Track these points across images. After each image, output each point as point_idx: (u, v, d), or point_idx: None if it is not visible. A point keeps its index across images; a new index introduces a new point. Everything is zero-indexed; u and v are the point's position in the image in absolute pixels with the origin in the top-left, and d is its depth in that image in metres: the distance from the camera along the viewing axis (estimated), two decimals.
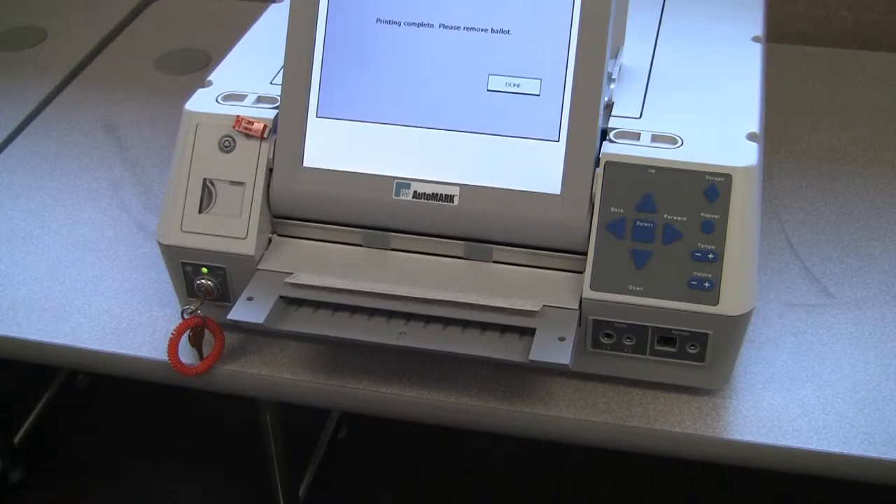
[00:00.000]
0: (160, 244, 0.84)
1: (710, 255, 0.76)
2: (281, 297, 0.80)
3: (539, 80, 0.79)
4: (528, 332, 0.77)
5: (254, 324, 0.79)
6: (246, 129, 0.82)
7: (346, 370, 0.85)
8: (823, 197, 1.02)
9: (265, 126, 0.82)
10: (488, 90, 0.80)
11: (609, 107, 0.83)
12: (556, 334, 0.77)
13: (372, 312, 0.80)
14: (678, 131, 0.80)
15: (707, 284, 0.76)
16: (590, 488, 1.46)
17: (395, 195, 0.81)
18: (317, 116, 0.82)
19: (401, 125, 0.81)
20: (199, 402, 1.56)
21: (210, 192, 0.83)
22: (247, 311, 0.80)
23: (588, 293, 0.77)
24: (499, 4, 0.80)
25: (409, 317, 0.80)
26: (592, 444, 0.82)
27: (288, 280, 0.80)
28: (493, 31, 0.80)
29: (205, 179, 0.83)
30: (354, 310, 0.80)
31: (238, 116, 0.83)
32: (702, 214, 0.76)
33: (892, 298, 0.90)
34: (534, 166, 0.79)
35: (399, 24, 0.81)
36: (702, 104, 0.84)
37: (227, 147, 0.83)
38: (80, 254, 0.98)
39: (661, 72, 0.89)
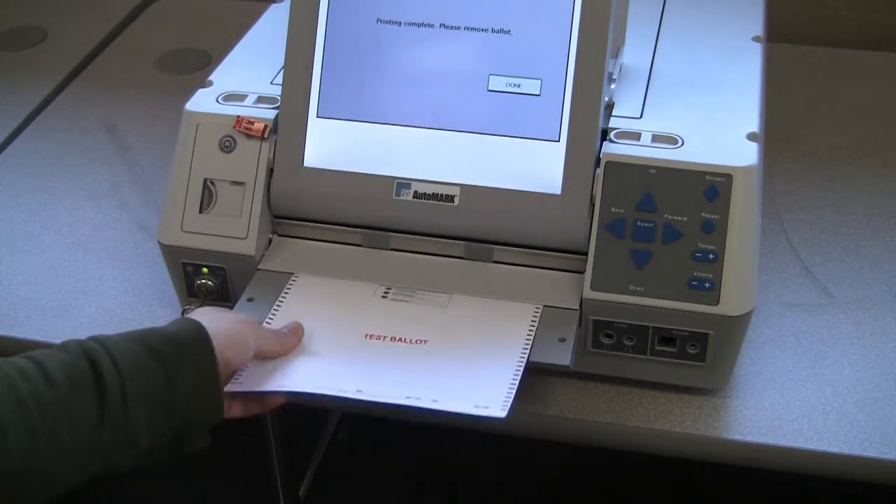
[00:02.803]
0: (160, 244, 0.84)
1: (711, 255, 0.76)
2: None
3: (539, 80, 0.79)
4: None
5: None
6: (246, 129, 0.82)
7: None
8: (823, 197, 1.02)
9: (265, 126, 0.82)
10: (489, 90, 0.80)
11: (609, 107, 0.83)
12: (557, 334, 0.77)
13: None
14: (678, 131, 0.80)
15: (707, 284, 0.76)
16: (590, 488, 1.45)
17: (396, 195, 0.80)
18: (317, 116, 0.82)
19: (401, 125, 0.81)
20: None
21: (210, 192, 0.83)
22: (247, 311, 0.80)
23: (588, 293, 0.77)
24: (499, 4, 0.80)
25: None
26: (592, 444, 0.82)
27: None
28: (493, 31, 0.80)
29: (205, 179, 0.83)
30: None
31: (238, 116, 0.83)
32: (702, 214, 0.76)
33: (892, 298, 0.90)
34: (534, 166, 0.79)
35: (399, 24, 0.81)
36: (702, 104, 0.84)
37: (227, 147, 0.83)
38: (80, 254, 0.97)
39: (661, 72, 0.89)
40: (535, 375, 0.84)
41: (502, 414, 0.69)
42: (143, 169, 1.09)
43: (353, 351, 0.76)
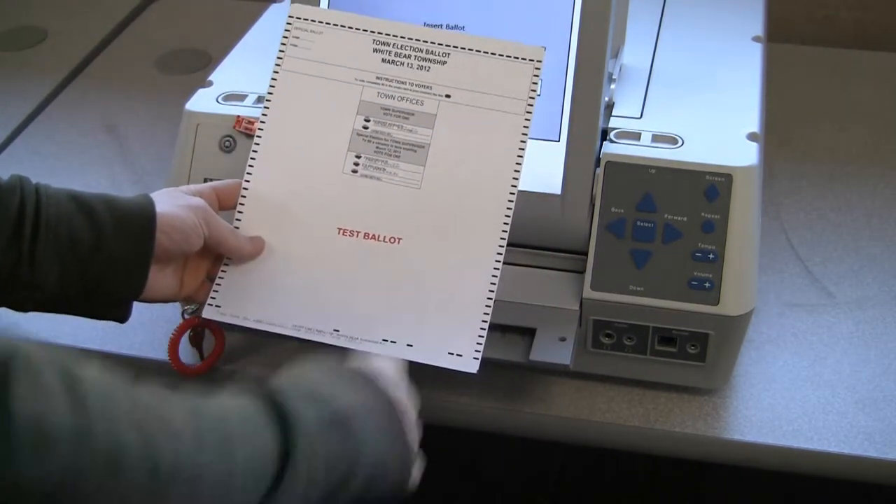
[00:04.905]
0: None
1: (711, 255, 0.76)
2: None
3: (539, 80, 0.79)
4: (529, 332, 0.78)
5: None
6: (246, 129, 0.82)
7: None
8: (823, 197, 1.02)
9: None
10: None
11: (609, 107, 0.83)
12: (557, 334, 0.77)
13: None
14: (678, 131, 0.80)
15: (707, 284, 0.76)
16: (590, 488, 1.45)
17: None
18: None
19: None
20: None
21: None
22: None
23: (588, 293, 0.77)
24: (500, 4, 0.80)
25: None
26: (592, 444, 0.82)
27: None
28: (494, 30, 0.80)
29: (205, 179, 0.83)
30: None
31: (238, 116, 0.83)
32: (702, 214, 0.76)
33: (892, 298, 0.90)
34: (534, 166, 0.79)
35: None
36: (702, 104, 0.84)
37: (227, 147, 0.83)
38: None
39: (661, 72, 0.89)
40: (535, 375, 0.84)
41: (473, 369, 0.71)
42: (143, 169, 1.09)
43: (326, 254, 0.75)
